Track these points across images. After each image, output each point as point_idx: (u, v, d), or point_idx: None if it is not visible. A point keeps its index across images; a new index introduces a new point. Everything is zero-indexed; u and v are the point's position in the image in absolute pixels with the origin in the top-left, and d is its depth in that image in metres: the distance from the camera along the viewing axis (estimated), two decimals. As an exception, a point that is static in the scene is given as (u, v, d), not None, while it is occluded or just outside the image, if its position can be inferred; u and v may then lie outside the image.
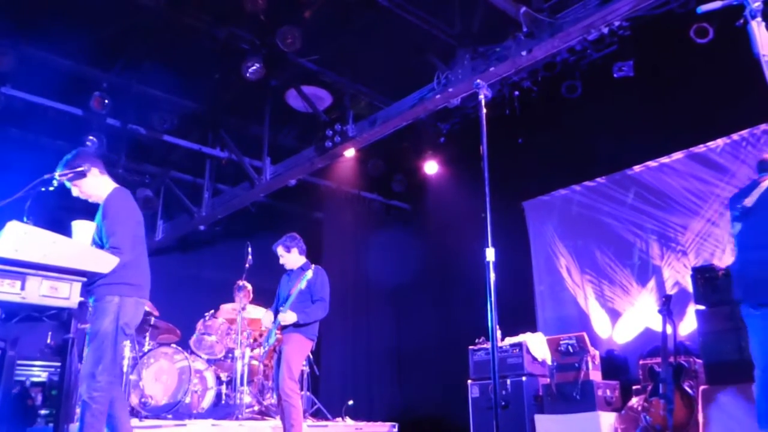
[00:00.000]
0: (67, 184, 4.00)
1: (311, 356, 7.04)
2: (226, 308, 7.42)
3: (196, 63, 7.28)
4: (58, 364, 4.53)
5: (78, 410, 3.83)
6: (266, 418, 6.51)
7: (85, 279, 3.39)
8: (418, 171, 9.37)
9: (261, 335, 6.96)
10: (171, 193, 9.25)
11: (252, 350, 6.94)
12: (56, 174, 3.79)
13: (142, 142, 8.27)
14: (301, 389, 6.73)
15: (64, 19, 6.47)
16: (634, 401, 5.88)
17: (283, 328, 5.26)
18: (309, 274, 5.33)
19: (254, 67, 6.74)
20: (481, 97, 3.58)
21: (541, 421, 6.18)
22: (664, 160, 7.17)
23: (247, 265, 6.86)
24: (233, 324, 7.02)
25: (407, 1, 6.59)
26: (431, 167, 9.13)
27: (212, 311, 7.24)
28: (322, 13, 6.68)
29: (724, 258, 6.41)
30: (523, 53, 5.57)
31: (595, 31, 5.29)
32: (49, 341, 5.77)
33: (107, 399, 3.63)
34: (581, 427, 5.90)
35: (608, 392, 6.20)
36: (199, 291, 8.71)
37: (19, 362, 5.81)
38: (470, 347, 7.01)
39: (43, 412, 5.94)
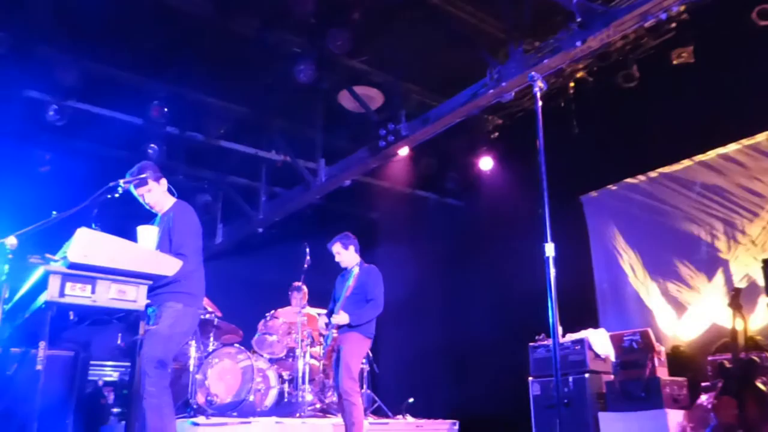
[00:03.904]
0: (135, 192, 4.19)
1: (370, 354, 7.07)
2: (283, 312, 7.54)
3: (247, 68, 7.41)
4: (128, 364, 4.72)
5: None
6: (328, 415, 6.59)
7: (150, 282, 3.52)
8: (471, 167, 9.28)
9: (320, 335, 7.05)
10: (229, 197, 9.44)
11: (311, 348, 7.03)
12: (121, 182, 3.96)
13: (199, 148, 8.47)
14: (361, 387, 6.77)
15: (119, 32, 6.68)
16: (704, 399, 5.68)
17: (339, 328, 5.31)
18: (356, 270, 5.38)
19: (305, 70, 6.83)
20: (536, 90, 3.54)
21: (606, 419, 6.04)
22: (727, 149, 6.88)
23: (305, 266, 6.95)
24: (293, 324, 7.13)
25: (455, -4, 6.56)
26: (486, 163, 9.02)
27: (272, 311, 7.38)
28: (370, 13, 6.71)
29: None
30: (577, 44, 5.45)
31: (652, 17, 5.12)
32: (119, 342, 6.01)
33: (160, 392, 3.80)
34: (648, 425, 5.74)
35: (676, 389, 6.01)
36: (258, 292, 8.87)
37: (92, 363, 6.08)
38: (530, 344, 6.92)
39: (115, 410, 6.19)
